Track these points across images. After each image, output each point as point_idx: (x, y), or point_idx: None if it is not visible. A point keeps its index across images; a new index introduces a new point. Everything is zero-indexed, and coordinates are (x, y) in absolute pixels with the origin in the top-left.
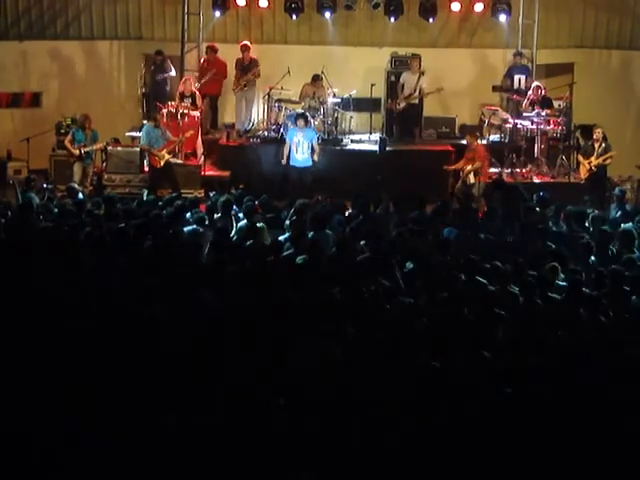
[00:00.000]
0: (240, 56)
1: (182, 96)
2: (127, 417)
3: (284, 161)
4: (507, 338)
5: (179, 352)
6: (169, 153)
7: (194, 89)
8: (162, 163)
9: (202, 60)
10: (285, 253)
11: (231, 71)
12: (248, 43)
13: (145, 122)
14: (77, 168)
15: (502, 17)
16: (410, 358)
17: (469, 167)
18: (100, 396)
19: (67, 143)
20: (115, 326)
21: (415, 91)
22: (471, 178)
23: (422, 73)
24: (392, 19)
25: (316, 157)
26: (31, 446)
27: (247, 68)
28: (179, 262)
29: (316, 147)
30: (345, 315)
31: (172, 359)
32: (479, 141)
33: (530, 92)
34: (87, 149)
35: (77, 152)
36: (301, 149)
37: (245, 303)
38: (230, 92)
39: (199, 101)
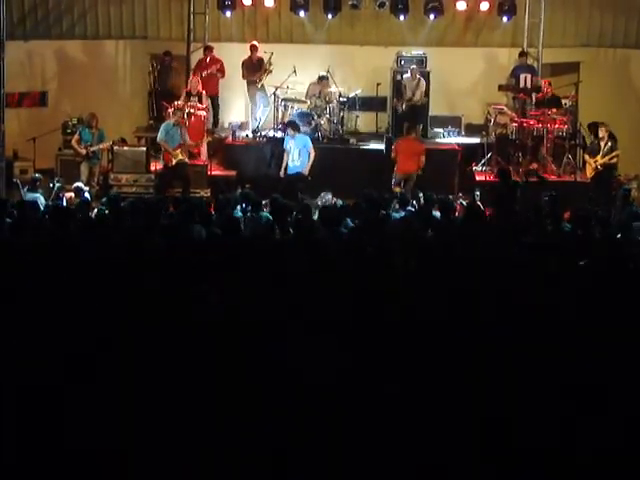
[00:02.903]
0: (248, 55)
1: (188, 95)
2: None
3: (282, 173)
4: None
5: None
6: (182, 154)
7: (200, 88)
8: (174, 162)
9: (201, 59)
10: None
11: (233, 70)
12: (257, 43)
13: (151, 122)
14: (84, 168)
15: (508, 16)
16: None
17: None
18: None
19: (74, 143)
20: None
21: (414, 95)
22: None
23: (422, 77)
24: (401, 17)
25: (306, 170)
26: None
27: (256, 67)
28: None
29: (311, 154)
30: (351, 312)
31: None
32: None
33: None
34: (93, 148)
35: (84, 152)
36: (291, 157)
37: (247, 301)
38: (229, 92)
39: (205, 101)
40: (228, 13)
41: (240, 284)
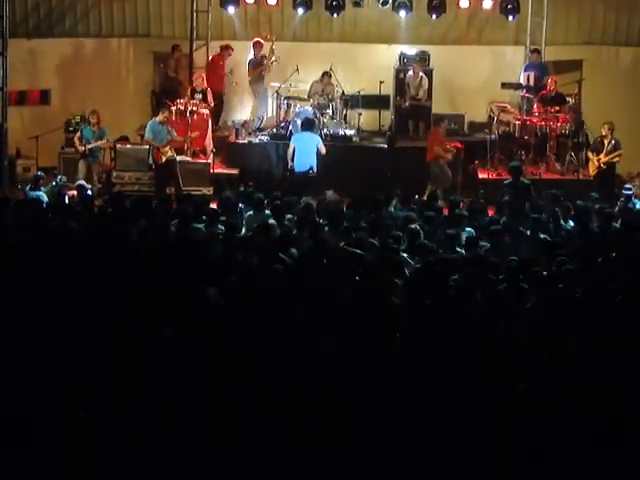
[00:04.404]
0: (252, 54)
1: (193, 92)
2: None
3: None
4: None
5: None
6: (174, 150)
7: (205, 85)
8: (164, 159)
9: (216, 58)
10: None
11: (236, 69)
12: (261, 40)
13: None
14: (82, 165)
15: (512, 15)
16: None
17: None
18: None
19: (76, 140)
20: (117, 324)
21: (417, 93)
22: None
23: (424, 74)
24: (403, 12)
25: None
26: None
27: (258, 65)
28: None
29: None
30: (354, 313)
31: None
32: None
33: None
34: (90, 146)
35: (81, 149)
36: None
37: (251, 301)
38: (233, 90)
39: (210, 97)
40: (231, 9)
41: (241, 284)
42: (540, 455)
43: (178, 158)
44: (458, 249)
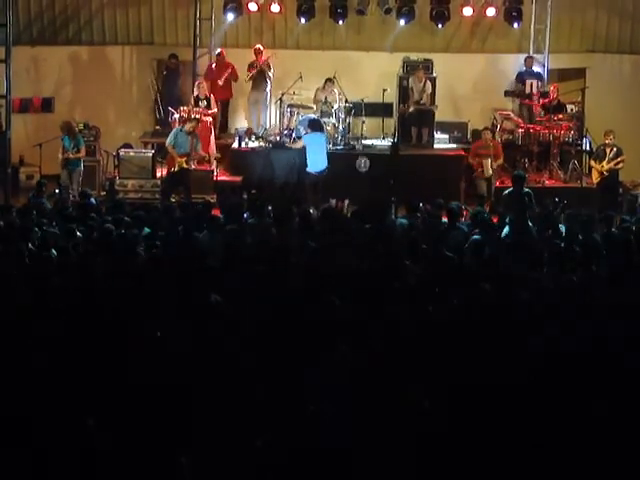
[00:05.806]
0: (253, 59)
1: (197, 100)
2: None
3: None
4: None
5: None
6: (187, 162)
7: (208, 92)
8: (176, 168)
9: (209, 64)
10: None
11: (239, 75)
12: (260, 47)
13: (158, 127)
14: (64, 175)
15: (514, 22)
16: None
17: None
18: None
19: (59, 151)
20: (121, 332)
21: (421, 98)
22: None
23: (428, 79)
24: (403, 21)
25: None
26: None
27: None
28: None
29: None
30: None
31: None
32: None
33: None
34: (66, 156)
35: (60, 157)
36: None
37: (258, 307)
38: (236, 97)
39: (214, 104)
40: (231, 16)
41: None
42: (542, 455)
43: None
44: (448, 253)
